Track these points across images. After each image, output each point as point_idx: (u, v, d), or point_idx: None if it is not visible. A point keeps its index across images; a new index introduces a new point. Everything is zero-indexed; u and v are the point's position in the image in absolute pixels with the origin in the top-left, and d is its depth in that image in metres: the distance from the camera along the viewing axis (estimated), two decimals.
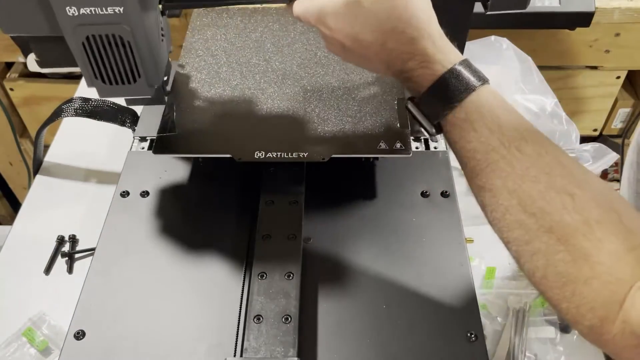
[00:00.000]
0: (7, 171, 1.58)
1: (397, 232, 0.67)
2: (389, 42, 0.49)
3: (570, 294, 0.41)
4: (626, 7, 1.13)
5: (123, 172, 0.74)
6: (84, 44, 0.49)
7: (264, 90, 0.75)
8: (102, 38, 0.49)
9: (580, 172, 0.45)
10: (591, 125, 1.42)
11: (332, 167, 0.68)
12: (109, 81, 0.52)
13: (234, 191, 0.72)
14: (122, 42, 0.49)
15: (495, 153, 0.46)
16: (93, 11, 0.47)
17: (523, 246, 0.44)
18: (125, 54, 0.50)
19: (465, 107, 0.47)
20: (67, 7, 0.46)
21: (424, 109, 0.50)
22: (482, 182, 0.47)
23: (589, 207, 0.42)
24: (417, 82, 0.50)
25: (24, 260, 0.76)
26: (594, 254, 0.41)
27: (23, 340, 0.68)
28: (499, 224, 0.46)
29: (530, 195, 0.44)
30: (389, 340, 0.58)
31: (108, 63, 0.51)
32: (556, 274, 0.42)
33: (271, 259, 0.61)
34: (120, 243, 0.66)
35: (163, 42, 0.55)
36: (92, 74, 0.52)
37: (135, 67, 0.51)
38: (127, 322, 0.60)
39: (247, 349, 0.54)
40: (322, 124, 0.71)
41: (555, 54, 1.26)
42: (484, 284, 0.97)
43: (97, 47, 0.49)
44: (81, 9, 0.46)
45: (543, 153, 0.45)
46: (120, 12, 0.47)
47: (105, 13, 0.47)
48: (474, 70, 0.48)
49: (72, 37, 0.48)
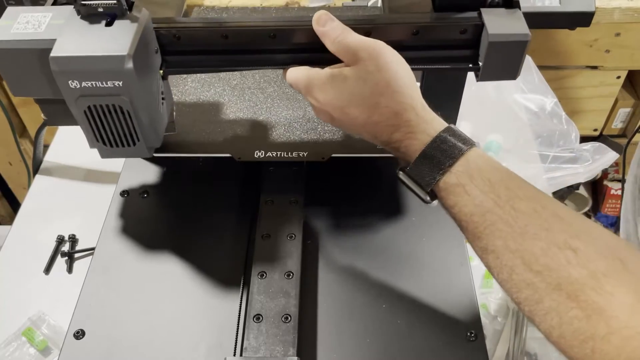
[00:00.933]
0: (7, 171, 1.58)
1: (397, 232, 0.67)
2: (374, 115, 0.50)
3: (590, 351, 0.40)
4: (626, 7, 1.13)
5: (123, 172, 0.74)
6: (85, 112, 0.52)
7: (264, 89, 0.75)
8: (102, 107, 0.51)
9: (579, 222, 0.45)
10: (591, 125, 1.42)
11: (332, 167, 0.68)
12: (109, 144, 0.55)
13: (234, 191, 0.72)
14: (122, 110, 0.51)
15: (491, 214, 0.46)
16: (94, 84, 0.49)
17: (534, 305, 0.44)
18: (124, 121, 0.53)
19: (455, 172, 0.48)
20: (69, 81, 0.49)
21: (415, 177, 0.50)
22: (483, 244, 0.47)
23: (593, 259, 0.42)
24: (405, 153, 0.51)
25: (24, 260, 0.75)
26: (607, 308, 0.40)
27: (23, 340, 0.68)
28: (506, 285, 0.46)
29: (533, 253, 0.43)
30: (388, 339, 0.58)
31: (109, 129, 0.54)
32: (572, 331, 0.41)
33: (271, 258, 0.61)
34: (119, 243, 0.66)
35: (163, 106, 0.57)
36: (93, 137, 0.55)
37: (135, 133, 0.54)
38: (126, 322, 0.60)
39: (246, 348, 0.54)
40: (322, 124, 0.71)
41: (555, 54, 1.26)
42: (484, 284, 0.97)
43: (98, 115, 0.52)
44: (82, 82, 0.49)
45: (539, 208, 0.45)
46: (120, 85, 0.49)
47: (105, 86, 0.49)
48: (459, 136, 0.49)
49: (74, 106, 0.51)
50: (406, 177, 0.51)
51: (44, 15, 0.52)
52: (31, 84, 0.53)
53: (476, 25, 0.53)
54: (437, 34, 0.55)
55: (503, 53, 0.53)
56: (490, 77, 0.55)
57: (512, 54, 0.53)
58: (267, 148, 0.68)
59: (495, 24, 0.52)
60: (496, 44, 0.52)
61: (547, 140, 1.11)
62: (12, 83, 0.53)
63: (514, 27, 0.52)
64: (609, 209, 1.68)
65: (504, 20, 0.53)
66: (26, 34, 0.50)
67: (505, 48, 0.52)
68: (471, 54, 0.55)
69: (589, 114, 1.39)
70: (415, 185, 0.51)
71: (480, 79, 0.55)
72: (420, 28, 0.54)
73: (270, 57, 0.56)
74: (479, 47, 0.54)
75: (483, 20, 0.53)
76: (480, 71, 0.55)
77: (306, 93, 0.54)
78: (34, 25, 0.51)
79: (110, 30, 0.49)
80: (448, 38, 0.55)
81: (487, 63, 0.54)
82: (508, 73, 0.55)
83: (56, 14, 0.52)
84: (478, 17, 0.53)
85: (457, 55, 0.56)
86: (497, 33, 0.52)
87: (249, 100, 0.74)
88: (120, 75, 0.48)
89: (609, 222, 1.73)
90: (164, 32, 0.54)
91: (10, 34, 0.50)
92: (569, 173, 1.10)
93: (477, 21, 0.53)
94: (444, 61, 0.56)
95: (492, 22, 0.52)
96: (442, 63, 0.57)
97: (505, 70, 0.55)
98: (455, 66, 0.57)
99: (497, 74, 0.55)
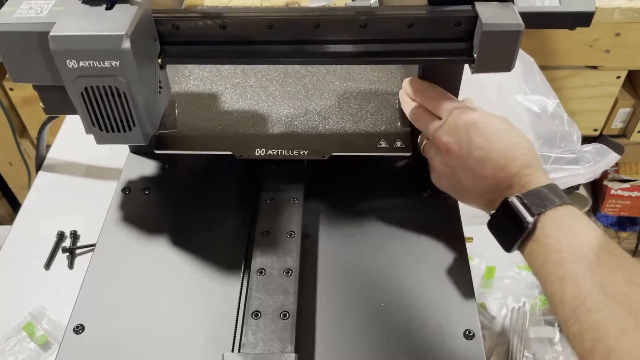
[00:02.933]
0: (7, 171, 1.58)
1: (397, 230, 0.67)
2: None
3: None
4: (626, 7, 1.13)
5: (124, 168, 0.75)
6: (82, 94, 0.52)
7: (266, 87, 0.75)
8: (99, 89, 0.52)
9: None
10: (591, 125, 1.42)
11: (332, 165, 0.68)
12: (105, 129, 0.55)
13: (234, 188, 0.72)
14: (118, 92, 0.52)
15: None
16: (91, 64, 0.50)
17: None
18: (121, 104, 0.53)
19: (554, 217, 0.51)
20: (67, 60, 0.50)
21: (525, 204, 0.53)
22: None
23: None
24: (523, 184, 0.55)
25: (25, 255, 0.76)
26: None
27: (23, 335, 0.68)
28: None
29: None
30: (386, 337, 0.58)
31: (105, 112, 0.54)
32: None
33: (270, 255, 0.61)
34: (120, 238, 0.67)
35: (161, 94, 0.58)
36: (89, 122, 0.55)
37: (131, 117, 0.54)
38: (126, 317, 0.60)
39: (245, 344, 0.54)
40: (322, 122, 0.71)
41: (555, 54, 1.26)
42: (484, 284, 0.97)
43: (95, 97, 0.52)
44: (80, 62, 0.50)
45: None
46: (117, 65, 0.50)
47: (102, 66, 0.50)
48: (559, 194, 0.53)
49: (72, 87, 0.52)
50: (518, 200, 0.53)
51: (47, 2, 0.53)
52: (31, 69, 0.53)
53: (470, 16, 0.54)
54: (432, 26, 0.55)
55: (497, 43, 0.53)
56: (485, 69, 0.55)
57: (506, 44, 0.53)
58: (268, 146, 0.68)
59: (489, 15, 0.53)
60: (490, 34, 0.52)
61: (549, 141, 1.12)
62: (12, 68, 0.54)
63: (508, 17, 0.53)
64: (608, 209, 1.68)
65: (498, 11, 0.53)
66: (28, 18, 0.51)
67: (499, 38, 0.53)
68: (466, 47, 0.56)
69: (589, 114, 1.39)
70: (523, 208, 0.53)
71: (475, 70, 0.56)
72: (415, 20, 0.54)
73: (269, 48, 0.56)
74: (473, 39, 0.55)
75: (477, 12, 0.53)
76: (475, 63, 0.55)
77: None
78: (36, 10, 0.52)
79: (110, 13, 0.50)
80: (443, 30, 0.55)
81: (482, 54, 0.54)
82: (502, 64, 0.55)
83: (59, 1, 0.53)
84: (472, 9, 0.54)
85: (452, 48, 0.56)
86: (491, 23, 0.52)
87: (251, 98, 0.74)
88: (117, 54, 0.49)
89: (609, 222, 1.73)
90: (163, 21, 0.54)
91: (12, 18, 0.51)
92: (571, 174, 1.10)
93: (471, 13, 0.54)
94: (439, 54, 0.57)
95: (485, 13, 0.53)
96: (437, 55, 0.57)
97: (499, 62, 0.55)
98: (451, 58, 0.57)
99: (491, 65, 0.55)
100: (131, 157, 0.76)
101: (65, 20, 0.50)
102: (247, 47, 0.56)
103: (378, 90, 0.75)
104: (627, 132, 1.45)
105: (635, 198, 1.63)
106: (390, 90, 0.75)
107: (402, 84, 0.69)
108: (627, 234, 1.73)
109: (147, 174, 0.74)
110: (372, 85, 0.76)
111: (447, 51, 0.57)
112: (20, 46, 0.52)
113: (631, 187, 1.61)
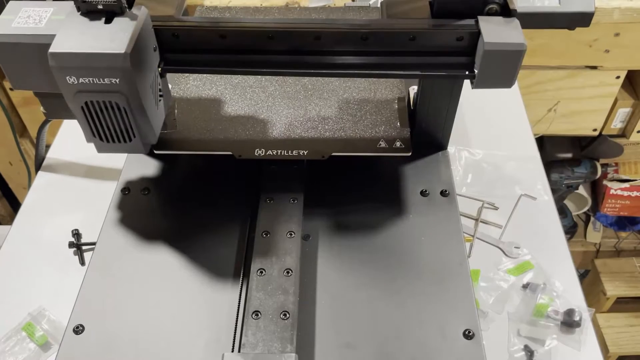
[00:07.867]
0: (7, 171, 1.58)
1: (396, 231, 0.67)
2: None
3: None
4: (626, 7, 1.13)
5: (124, 169, 0.75)
6: (82, 108, 0.52)
7: (265, 88, 0.75)
8: (99, 104, 0.52)
9: None
10: (591, 125, 1.42)
11: (332, 165, 0.68)
12: (105, 139, 0.56)
13: (234, 188, 0.72)
14: (119, 107, 0.52)
15: None
16: (91, 81, 0.50)
17: None
18: (121, 118, 0.53)
19: None
20: (67, 77, 0.50)
21: None
22: None
23: None
24: None
25: (25, 255, 0.76)
26: None
27: (23, 335, 0.68)
28: None
29: None
30: (386, 337, 0.58)
31: (105, 124, 0.54)
32: None
33: (270, 255, 0.61)
34: (120, 239, 0.67)
35: (161, 103, 0.58)
36: (90, 132, 0.55)
37: (131, 129, 0.54)
38: (126, 317, 0.60)
39: (245, 344, 0.54)
40: (322, 123, 0.71)
41: (555, 54, 1.26)
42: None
43: (95, 111, 0.53)
44: (80, 78, 0.50)
45: None
46: (117, 82, 0.50)
47: (102, 82, 0.50)
48: None
49: (72, 101, 0.52)
50: None
51: (45, 10, 0.52)
52: (30, 78, 0.54)
53: (472, 32, 0.54)
54: (434, 40, 0.55)
55: (498, 62, 0.53)
56: (486, 85, 0.56)
57: (507, 62, 0.53)
58: (268, 146, 0.68)
59: (491, 33, 0.52)
60: (491, 53, 0.52)
61: None
62: (12, 76, 0.54)
63: (510, 36, 0.52)
64: (608, 208, 1.68)
65: (501, 29, 0.53)
66: (27, 28, 0.51)
67: (501, 57, 0.53)
68: (467, 62, 0.56)
69: (589, 114, 1.39)
70: None
71: (476, 86, 0.56)
72: (416, 34, 0.54)
73: (269, 58, 0.56)
74: (475, 54, 0.55)
75: (479, 28, 0.53)
76: (476, 79, 0.55)
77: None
78: (34, 20, 0.52)
79: (109, 28, 0.50)
80: (444, 44, 0.55)
81: (482, 71, 0.54)
82: (503, 81, 0.55)
83: (57, 9, 0.52)
84: (475, 25, 0.54)
85: (453, 62, 0.56)
86: (493, 42, 0.52)
87: (250, 98, 0.74)
88: (117, 72, 0.49)
89: (609, 222, 1.73)
90: (163, 30, 0.55)
91: (11, 28, 0.51)
92: None
93: (473, 29, 0.54)
94: (440, 68, 0.57)
95: (488, 31, 0.53)
96: (438, 69, 0.57)
97: (500, 79, 0.55)
98: (451, 73, 0.57)
99: (492, 81, 0.55)
100: (131, 157, 0.76)
101: (65, 35, 0.50)
102: (247, 57, 0.57)
103: (377, 91, 0.75)
104: (626, 132, 1.45)
105: (634, 198, 1.63)
106: (390, 90, 0.75)
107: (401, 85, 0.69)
108: (627, 233, 1.73)
109: (147, 175, 0.74)
110: (372, 85, 0.76)
111: (448, 65, 0.56)
112: (19, 57, 0.52)
113: (631, 187, 1.61)
